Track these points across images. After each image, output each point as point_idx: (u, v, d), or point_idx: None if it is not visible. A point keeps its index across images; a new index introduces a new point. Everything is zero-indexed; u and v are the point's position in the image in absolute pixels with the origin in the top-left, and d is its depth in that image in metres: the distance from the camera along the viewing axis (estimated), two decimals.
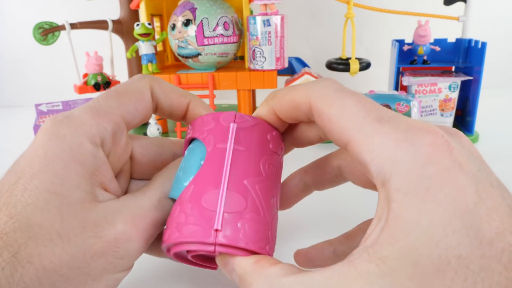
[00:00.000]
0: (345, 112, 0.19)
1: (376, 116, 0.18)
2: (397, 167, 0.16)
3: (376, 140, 0.17)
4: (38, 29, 0.62)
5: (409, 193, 0.16)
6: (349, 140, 0.18)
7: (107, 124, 0.21)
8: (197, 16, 0.58)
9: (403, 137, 0.17)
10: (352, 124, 0.18)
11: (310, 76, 0.59)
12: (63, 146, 0.20)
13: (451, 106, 0.60)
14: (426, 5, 0.72)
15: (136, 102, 0.23)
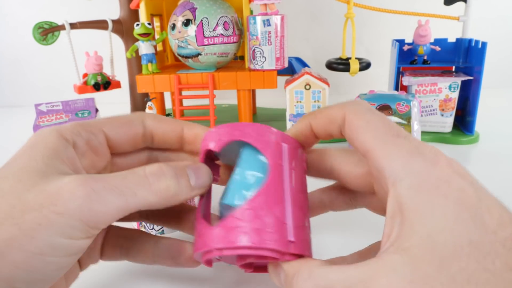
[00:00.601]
0: (371, 125, 0.22)
1: (395, 132, 0.21)
2: (410, 169, 0.20)
3: (393, 149, 0.21)
4: (38, 29, 0.62)
5: (421, 190, 0.19)
6: (369, 148, 0.21)
7: (83, 131, 0.24)
8: (197, 16, 0.58)
9: (415, 149, 0.20)
10: (375, 135, 0.22)
11: (310, 76, 0.59)
12: (38, 140, 0.22)
13: (451, 106, 0.60)
14: (426, 5, 0.72)
15: (122, 124, 0.26)
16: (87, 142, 0.24)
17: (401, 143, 0.21)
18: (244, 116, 0.64)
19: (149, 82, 0.62)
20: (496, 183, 0.47)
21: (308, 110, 0.61)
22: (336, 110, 0.24)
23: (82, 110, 0.60)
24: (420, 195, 0.19)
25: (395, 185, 0.20)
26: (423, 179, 0.19)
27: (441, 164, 0.20)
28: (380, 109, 0.51)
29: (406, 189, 0.19)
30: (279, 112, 0.76)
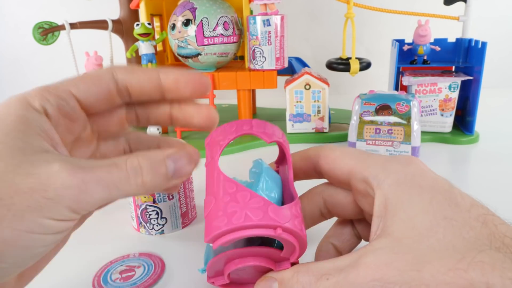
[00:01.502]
0: (345, 153, 0.26)
1: (369, 153, 0.25)
2: (388, 171, 0.23)
3: (371, 161, 0.24)
4: (37, 29, 0.62)
5: (400, 184, 0.22)
6: (351, 168, 0.25)
7: (51, 97, 0.23)
8: (197, 16, 0.58)
9: (389, 157, 0.25)
10: (352, 158, 0.25)
11: (310, 76, 0.59)
12: (9, 111, 0.21)
13: (451, 106, 0.60)
14: (426, 5, 0.72)
15: (90, 83, 0.24)
16: (58, 108, 0.23)
17: (376, 157, 0.25)
18: (244, 116, 0.64)
19: None
20: (496, 183, 0.47)
21: (308, 110, 0.61)
22: (312, 151, 0.28)
23: None
24: (399, 189, 0.22)
25: (379, 187, 0.23)
26: (401, 176, 0.23)
27: (414, 164, 0.23)
28: (380, 109, 0.51)
29: (388, 186, 0.22)
30: (279, 112, 0.76)
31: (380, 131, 0.51)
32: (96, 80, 0.24)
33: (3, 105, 0.22)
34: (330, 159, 0.26)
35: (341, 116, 0.71)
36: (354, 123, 0.52)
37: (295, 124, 0.62)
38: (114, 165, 0.21)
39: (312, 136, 0.62)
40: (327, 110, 0.61)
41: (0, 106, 0.22)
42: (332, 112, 0.73)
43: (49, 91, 0.23)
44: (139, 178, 0.22)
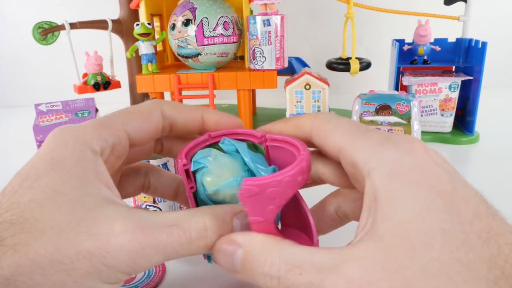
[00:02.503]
0: (339, 126, 0.23)
1: (364, 128, 0.22)
2: (381, 158, 0.19)
3: (363, 142, 0.21)
4: (37, 29, 0.62)
5: (393, 177, 0.19)
6: (341, 148, 0.22)
7: (108, 136, 0.22)
8: (197, 16, 0.58)
9: (386, 139, 0.20)
10: (344, 134, 0.22)
11: (310, 76, 0.59)
12: (66, 152, 0.21)
13: (452, 106, 0.60)
14: (426, 5, 0.72)
15: (142, 121, 0.24)
16: (112, 149, 0.23)
17: (371, 136, 0.21)
18: (244, 116, 0.64)
19: (149, 82, 0.62)
20: (496, 183, 0.47)
21: (308, 110, 0.61)
22: (304, 119, 0.25)
23: (82, 110, 0.60)
24: (392, 182, 0.19)
25: (369, 175, 0.20)
26: (395, 166, 0.19)
27: (415, 151, 0.20)
28: (380, 109, 0.51)
29: (379, 176, 0.19)
30: (279, 112, 0.76)
31: None
32: (147, 117, 0.24)
33: (60, 145, 0.21)
34: (322, 132, 0.23)
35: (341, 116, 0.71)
36: None
37: None
38: (177, 226, 0.20)
39: None
40: (327, 110, 0.61)
41: (56, 145, 0.21)
42: (332, 112, 0.73)
43: (105, 129, 0.22)
44: (203, 241, 0.21)
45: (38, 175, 0.20)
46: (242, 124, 0.27)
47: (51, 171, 0.20)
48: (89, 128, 0.22)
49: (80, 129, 0.22)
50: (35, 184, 0.19)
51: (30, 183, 0.19)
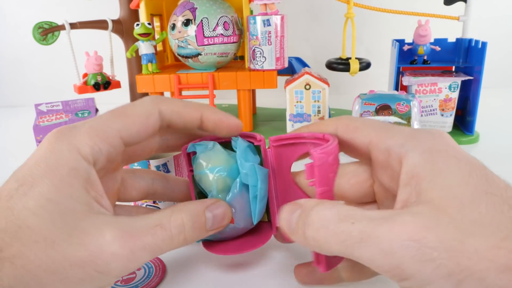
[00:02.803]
0: (367, 123, 0.25)
1: (392, 124, 0.24)
2: (417, 141, 0.21)
3: (395, 131, 0.23)
4: (37, 29, 0.62)
5: (433, 154, 0.20)
6: (372, 137, 0.23)
7: (103, 145, 0.23)
8: (197, 16, 0.58)
9: (416, 129, 0.23)
10: (374, 128, 0.24)
11: (310, 76, 0.59)
12: (61, 161, 0.21)
13: (452, 106, 0.60)
14: (426, 5, 0.72)
15: (139, 125, 0.24)
16: (106, 157, 0.23)
17: (401, 128, 0.23)
18: (244, 116, 0.64)
19: (149, 82, 0.62)
20: None
21: (308, 110, 0.61)
22: (327, 121, 0.26)
23: (82, 110, 0.60)
24: (432, 158, 0.20)
25: (407, 155, 0.21)
26: (433, 145, 0.21)
27: (444, 136, 0.22)
28: (380, 109, 0.51)
29: (417, 155, 0.21)
30: (279, 112, 0.76)
31: None
32: (144, 121, 0.25)
33: (55, 152, 0.21)
34: (349, 128, 0.25)
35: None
36: None
37: (295, 124, 0.62)
38: (159, 226, 0.22)
39: None
40: (327, 110, 0.61)
41: (52, 152, 0.21)
42: (332, 112, 0.73)
43: (101, 138, 0.23)
44: (182, 236, 0.23)
45: (33, 182, 0.20)
46: (241, 125, 0.28)
47: (46, 179, 0.20)
48: (85, 136, 0.23)
49: (76, 136, 0.22)
50: (30, 192, 0.20)
51: (25, 190, 0.20)
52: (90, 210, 0.21)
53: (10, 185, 0.20)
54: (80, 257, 0.19)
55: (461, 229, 0.17)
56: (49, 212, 0.20)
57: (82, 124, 0.23)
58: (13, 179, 0.21)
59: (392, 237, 0.18)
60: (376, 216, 0.19)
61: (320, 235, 0.20)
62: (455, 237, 0.17)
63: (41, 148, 0.22)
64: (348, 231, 0.19)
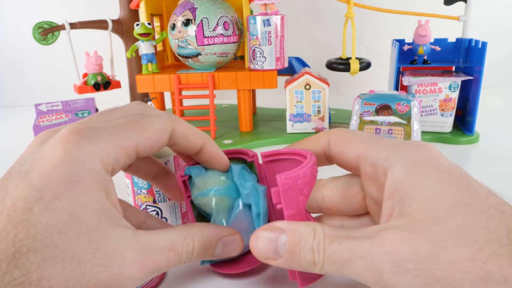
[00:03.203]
0: (356, 136, 0.25)
1: (380, 137, 0.24)
2: (400, 154, 0.22)
3: (381, 144, 0.23)
4: (37, 29, 0.62)
5: (415, 166, 0.21)
6: (361, 150, 0.24)
7: (122, 156, 0.23)
8: (197, 16, 0.58)
9: (402, 141, 0.23)
10: (362, 141, 0.25)
11: (310, 76, 0.59)
12: (83, 172, 0.21)
13: (452, 106, 0.60)
14: (426, 5, 0.72)
15: (153, 141, 0.25)
16: (122, 166, 0.24)
17: (388, 141, 0.24)
18: (244, 116, 0.64)
19: (149, 82, 0.62)
20: (496, 183, 0.47)
21: (308, 110, 0.61)
22: (319, 135, 0.27)
23: (82, 110, 0.60)
24: (414, 170, 0.21)
25: (390, 169, 0.22)
26: (415, 158, 0.22)
27: (427, 148, 0.22)
28: (380, 109, 0.51)
29: (400, 168, 0.21)
30: (279, 112, 0.76)
31: (380, 131, 0.51)
32: (158, 137, 0.25)
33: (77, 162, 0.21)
34: (340, 141, 0.26)
35: (341, 116, 0.71)
36: (354, 123, 0.52)
37: (295, 124, 0.62)
38: (173, 251, 0.23)
39: None
40: (327, 110, 0.61)
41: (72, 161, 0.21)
42: (332, 112, 0.73)
43: (121, 149, 0.23)
44: (189, 259, 0.24)
45: (55, 195, 0.19)
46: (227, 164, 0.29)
47: (68, 192, 0.20)
48: (106, 144, 0.22)
49: (97, 143, 0.22)
50: (52, 206, 0.19)
51: (45, 204, 0.19)
52: (111, 224, 0.21)
53: (24, 192, 0.19)
54: (102, 278, 0.20)
55: (436, 241, 0.18)
56: (75, 230, 0.19)
57: (101, 128, 0.23)
58: (25, 183, 0.19)
59: (372, 252, 0.19)
60: (359, 234, 0.20)
61: (315, 258, 0.21)
62: (429, 250, 0.18)
63: (57, 149, 0.21)
64: (336, 252, 0.20)
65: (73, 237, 0.19)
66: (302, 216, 0.24)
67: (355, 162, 0.25)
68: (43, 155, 0.21)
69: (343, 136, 0.26)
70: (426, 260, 0.18)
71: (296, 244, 0.21)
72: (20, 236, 0.18)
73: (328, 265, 0.20)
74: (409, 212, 0.20)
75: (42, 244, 0.18)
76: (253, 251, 0.23)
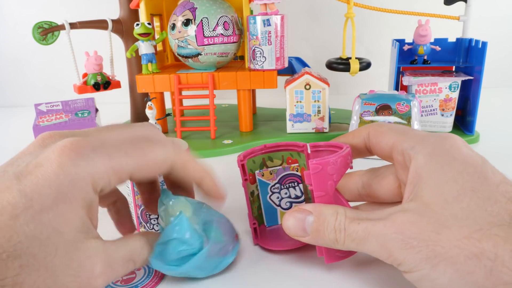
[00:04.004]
0: (392, 128, 0.28)
1: (412, 128, 0.27)
2: (425, 143, 0.25)
3: (410, 135, 0.26)
4: (37, 28, 0.62)
5: (434, 155, 0.24)
6: (394, 141, 0.27)
7: (114, 179, 0.23)
8: (197, 15, 0.58)
9: (429, 134, 0.26)
10: (395, 132, 0.28)
11: (310, 76, 0.59)
12: (73, 189, 0.21)
13: (452, 106, 0.60)
14: (426, 5, 0.72)
15: (150, 169, 0.25)
16: (112, 187, 0.24)
17: (417, 132, 0.27)
18: (244, 116, 0.64)
19: (149, 82, 0.62)
20: None
21: (308, 110, 0.61)
22: (360, 129, 0.31)
23: (82, 110, 0.60)
24: (433, 159, 0.23)
25: (414, 157, 0.24)
26: (436, 148, 0.24)
27: (452, 139, 0.25)
28: (380, 109, 0.51)
29: (421, 157, 0.24)
30: (279, 112, 0.76)
31: None
32: (158, 167, 0.26)
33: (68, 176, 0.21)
34: (377, 133, 0.29)
35: (341, 116, 0.71)
36: (354, 123, 0.52)
37: (295, 124, 0.62)
38: (132, 261, 0.25)
39: (312, 136, 0.62)
40: (327, 110, 0.61)
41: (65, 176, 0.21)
42: (332, 112, 0.73)
43: (115, 173, 0.23)
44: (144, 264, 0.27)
45: (43, 208, 0.20)
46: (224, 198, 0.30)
47: (56, 206, 0.20)
48: (102, 168, 0.23)
49: (94, 165, 0.22)
50: (38, 217, 0.20)
51: (32, 214, 0.20)
52: (86, 236, 0.22)
53: (14, 197, 0.20)
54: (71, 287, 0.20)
55: (440, 222, 0.21)
56: (55, 243, 0.20)
57: (102, 149, 0.23)
58: (17, 189, 0.20)
59: (385, 232, 0.22)
60: (376, 216, 0.23)
61: (337, 236, 0.25)
62: (433, 229, 0.21)
63: (54, 161, 0.21)
64: (355, 231, 0.24)
65: (52, 249, 0.20)
66: (330, 199, 0.27)
67: (389, 151, 0.28)
68: (40, 162, 0.21)
69: (380, 129, 0.29)
70: (429, 238, 0.21)
71: (321, 224, 0.25)
72: (2, 241, 0.19)
73: (348, 242, 0.24)
74: (421, 195, 0.23)
75: (22, 252, 0.19)
76: (285, 229, 0.27)
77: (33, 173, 0.21)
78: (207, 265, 0.29)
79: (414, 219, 0.22)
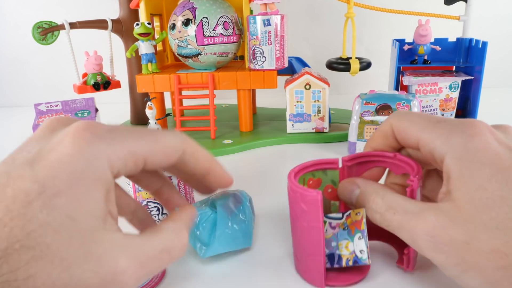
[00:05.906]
0: (413, 122, 0.28)
1: (435, 119, 0.27)
2: (451, 145, 0.25)
3: (436, 132, 0.26)
4: (37, 28, 0.62)
5: (461, 159, 0.24)
6: (419, 139, 0.27)
7: (130, 163, 0.22)
8: (197, 15, 0.58)
9: (454, 127, 0.25)
10: (419, 128, 0.27)
11: (310, 76, 0.59)
12: (89, 170, 0.20)
13: (452, 106, 0.60)
14: (426, 5, 0.72)
15: (164, 156, 0.25)
16: (127, 172, 0.23)
17: (441, 126, 0.26)
18: (244, 116, 0.64)
19: (149, 82, 0.62)
20: None
21: (308, 110, 0.61)
22: (384, 125, 0.30)
23: (81, 110, 0.60)
24: (461, 163, 0.24)
25: (444, 159, 0.25)
26: (463, 151, 0.24)
27: (479, 135, 0.24)
28: (380, 109, 0.51)
29: (450, 160, 0.24)
30: (279, 112, 0.76)
31: None
32: (170, 153, 0.25)
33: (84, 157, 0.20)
34: (400, 131, 0.29)
35: (341, 116, 0.71)
36: (355, 123, 0.52)
37: (295, 124, 0.62)
38: (166, 251, 0.23)
39: (312, 136, 0.62)
40: (327, 110, 0.61)
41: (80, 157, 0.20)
42: (332, 112, 0.73)
43: (132, 155, 0.22)
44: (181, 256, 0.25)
45: (56, 192, 0.19)
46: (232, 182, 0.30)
47: (70, 190, 0.19)
48: (119, 149, 0.22)
49: (111, 146, 0.21)
50: (51, 203, 0.19)
51: (45, 200, 0.19)
52: (105, 227, 0.20)
53: (26, 184, 0.19)
54: (93, 284, 0.19)
55: (470, 232, 0.22)
56: (69, 232, 0.19)
57: (116, 131, 0.22)
58: (30, 175, 0.19)
59: (416, 231, 0.24)
60: (412, 209, 0.25)
61: (373, 217, 0.27)
62: (463, 238, 0.22)
63: (68, 143, 0.20)
64: (390, 219, 0.26)
65: (66, 239, 0.18)
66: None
67: (416, 147, 0.28)
68: (53, 147, 0.20)
69: (401, 125, 0.29)
70: (459, 247, 0.22)
71: (362, 200, 0.29)
72: (16, 230, 0.18)
73: (384, 225, 0.26)
74: (455, 198, 0.24)
75: (35, 242, 0.18)
76: (339, 195, 0.31)
77: (47, 157, 0.20)
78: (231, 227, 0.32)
79: (446, 224, 0.23)
